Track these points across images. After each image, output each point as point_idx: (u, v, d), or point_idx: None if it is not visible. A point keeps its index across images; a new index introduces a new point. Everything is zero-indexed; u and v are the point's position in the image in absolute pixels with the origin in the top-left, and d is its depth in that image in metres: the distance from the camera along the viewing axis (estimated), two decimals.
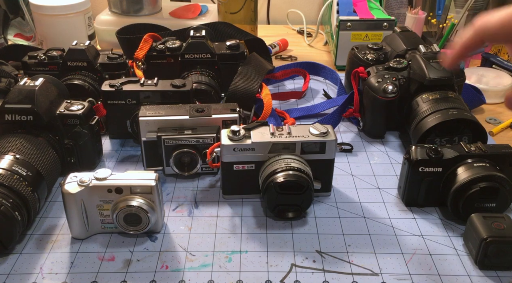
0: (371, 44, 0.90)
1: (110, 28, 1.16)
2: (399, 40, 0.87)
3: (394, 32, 0.91)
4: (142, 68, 0.91)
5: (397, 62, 0.82)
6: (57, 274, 0.56)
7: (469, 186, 0.61)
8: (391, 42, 0.89)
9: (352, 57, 0.91)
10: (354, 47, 0.92)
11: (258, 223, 0.64)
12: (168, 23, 1.10)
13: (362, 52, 0.89)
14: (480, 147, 0.64)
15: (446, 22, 1.16)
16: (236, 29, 1.02)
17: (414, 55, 0.81)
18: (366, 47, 0.90)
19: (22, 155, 0.63)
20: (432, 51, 0.81)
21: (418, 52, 0.82)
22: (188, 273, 0.56)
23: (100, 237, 0.61)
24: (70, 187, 0.57)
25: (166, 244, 0.61)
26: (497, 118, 0.91)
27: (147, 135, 0.69)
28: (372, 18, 1.06)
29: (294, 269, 0.57)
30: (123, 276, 0.56)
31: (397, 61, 0.82)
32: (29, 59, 0.87)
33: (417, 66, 0.79)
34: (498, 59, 1.06)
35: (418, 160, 0.63)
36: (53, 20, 1.11)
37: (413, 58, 0.81)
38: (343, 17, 1.06)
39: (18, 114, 0.67)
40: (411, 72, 0.80)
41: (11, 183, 0.58)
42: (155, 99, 0.76)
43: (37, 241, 0.61)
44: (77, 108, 0.71)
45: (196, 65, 0.90)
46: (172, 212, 0.66)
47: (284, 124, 0.68)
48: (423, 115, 0.74)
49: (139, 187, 0.58)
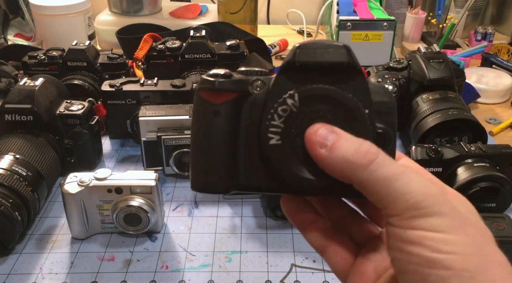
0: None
1: (110, 28, 1.15)
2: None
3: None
4: (142, 68, 0.91)
5: (397, 62, 0.82)
6: (57, 274, 0.56)
7: (469, 186, 0.61)
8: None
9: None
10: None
11: (258, 223, 0.64)
12: (168, 23, 1.09)
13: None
14: (480, 147, 0.64)
15: (446, 22, 1.16)
16: (236, 29, 1.02)
17: (414, 55, 0.81)
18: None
19: (22, 155, 0.63)
20: (432, 51, 0.81)
21: (418, 52, 0.82)
22: (188, 273, 0.56)
23: (100, 237, 0.61)
24: (70, 187, 0.57)
25: (166, 244, 0.61)
26: (497, 118, 0.91)
27: (147, 135, 0.69)
28: (372, 18, 1.06)
29: (294, 269, 0.57)
30: (123, 276, 0.56)
31: (397, 61, 0.82)
32: (29, 59, 0.87)
33: (417, 66, 0.79)
34: (498, 59, 1.06)
35: (418, 160, 0.63)
36: (53, 20, 1.10)
37: (413, 58, 0.81)
38: (343, 17, 1.06)
39: (18, 114, 0.67)
40: (411, 72, 0.80)
41: (11, 183, 0.58)
42: (155, 99, 0.76)
43: (37, 241, 0.61)
44: (77, 108, 0.71)
45: (196, 65, 0.90)
46: (172, 212, 0.66)
47: None
48: (423, 115, 0.74)
49: (139, 187, 0.58)
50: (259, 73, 0.29)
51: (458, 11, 1.20)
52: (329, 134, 0.26)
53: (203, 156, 0.29)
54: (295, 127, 0.27)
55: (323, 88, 0.27)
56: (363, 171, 0.25)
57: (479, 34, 1.17)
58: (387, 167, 0.25)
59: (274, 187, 0.29)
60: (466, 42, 1.22)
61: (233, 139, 0.29)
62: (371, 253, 0.30)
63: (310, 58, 0.27)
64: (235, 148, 0.29)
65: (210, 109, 0.28)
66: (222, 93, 0.28)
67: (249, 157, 0.29)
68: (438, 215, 0.24)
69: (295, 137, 0.27)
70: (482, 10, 1.30)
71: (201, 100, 0.28)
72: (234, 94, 0.28)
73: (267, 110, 0.27)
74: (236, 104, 0.28)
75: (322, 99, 0.27)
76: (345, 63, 0.27)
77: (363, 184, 0.26)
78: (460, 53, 1.09)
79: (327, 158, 0.26)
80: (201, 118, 0.29)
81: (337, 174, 0.26)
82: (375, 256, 0.30)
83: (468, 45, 1.20)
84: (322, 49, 0.27)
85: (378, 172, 0.25)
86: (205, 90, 0.28)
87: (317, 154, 0.26)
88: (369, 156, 0.25)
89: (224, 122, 0.28)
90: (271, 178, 0.29)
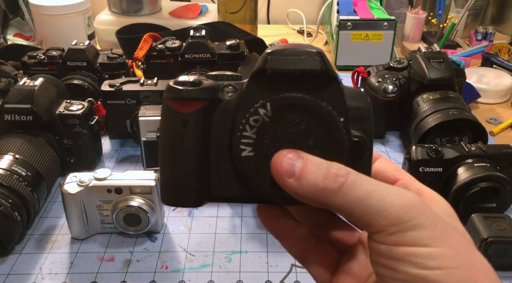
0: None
1: (109, 28, 1.15)
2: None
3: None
4: (142, 68, 0.91)
5: (397, 62, 0.82)
6: (57, 274, 0.56)
7: (469, 186, 0.61)
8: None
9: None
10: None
11: (258, 223, 0.64)
12: (168, 23, 1.09)
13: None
14: (480, 147, 0.64)
15: (446, 22, 1.16)
16: (236, 29, 1.02)
17: (414, 55, 0.81)
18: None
19: (21, 155, 0.63)
20: (432, 51, 0.80)
21: (419, 52, 0.82)
22: (188, 273, 0.56)
23: (99, 237, 0.61)
24: (70, 187, 0.57)
25: (166, 244, 0.60)
26: (497, 118, 0.91)
27: (147, 135, 0.69)
28: (373, 18, 1.06)
29: (294, 269, 0.57)
30: (123, 276, 0.56)
31: (398, 61, 0.82)
32: (29, 59, 0.87)
33: (418, 66, 0.79)
34: (499, 59, 1.06)
35: (419, 160, 0.63)
36: (52, 20, 1.10)
37: (413, 58, 0.81)
38: (343, 17, 1.06)
39: (18, 114, 0.67)
40: (412, 72, 0.80)
41: (11, 183, 0.58)
42: (155, 99, 0.76)
43: (37, 241, 0.61)
44: (76, 108, 0.71)
45: (196, 65, 0.89)
46: (172, 212, 0.66)
47: None
48: (424, 115, 0.74)
49: (139, 187, 0.58)
50: (230, 77, 0.28)
51: (459, 11, 1.20)
52: (295, 161, 0.25)
53: (171, 168, 0.27)
54: (268, 137, 0.26)
55: (296, 96, 0.26)
56: (336, 195, 0.24)
57: (480, 34, 1.17)
58: (359, 186, 0.24)
59: (248, 198, 0.28)
60: (467, 42, 1.22)
61: (202, 149, 0.27)
62: (351, 261, 0.30)
63: (282, 65, 0.26)
64: (205, 159, 0.27)
65: (178, 119, 0.27)
66: (191, 102, 0.26)
67: (221, 167, 0.27)
68: (420, 227, 0.24)
69: (268, 147, 0.26)
70: (483, 10, 1.30)
71: (168, 109, 0.27)
72: (203, 102, 0.27)
73: (239, 121, 0.26)
74: (206, 112, 0.27)
75: (295, 108, 0.26)
76: (319, 71, 0.26)
77: (338, 208, 0.25)
78: (461, 53, 1.09)
79: (297, 188, 0.25)
80: (169, 128, 0.27)
81: (309, 201, 0.25)
82: (356, 265, 0.30)
83: (469, 45, 1.20)
84: (295, 56, 0.26)
85: (350, 194, 0.24)
86: (172, 99, 0.27)
87: (286, 185, 0.25)
88: (339, 179, 0.25)
89: (193, 132, 0.27)
90: (244, 189, 0.27)
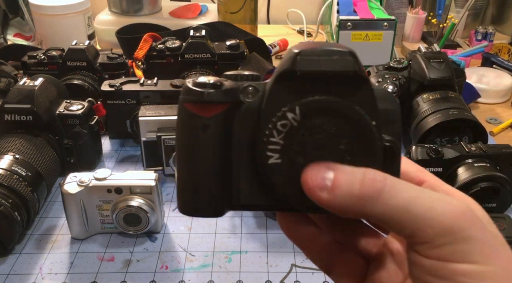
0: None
1: (109, 28, 1.15)
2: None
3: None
4: (142, 68, 0.91)
5: (397, 62, 0.82)
6: (57, 274, 0.56)
7: (469, 186, 0.61)
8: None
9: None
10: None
11: (258, 223, 0.64)
12: (168, 23, 1.09)
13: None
14: (480, 147, 0.64)
15: (446, 22, 1.16)
16: (236, 29, 1.02)
17: (414, 55, 0.81)
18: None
19: (21, 155, 0.63)
20: (432, 51, 0.80)
21: (419, 52, 0.82)
22: (188, 273, 0.56)
23: (99, 237, 0.61)
24: (70, 187, 0.57)
25: (166, 244, 0.60)
26: (497, 118, 0.91)
27: (147, 135, 0.69)
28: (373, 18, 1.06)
29: (294, 269, 0.57)
30: (123, 276, 0.56)
31: (398, 61, 0.82)
32: (29, 59, 0.87)
33: (418, 66, 0.79)
34: (499, 59, 1.06)
35: (419, 160, 0.63)
36: (52, 20, 1.10)
37: (413, 58, 0.81)
38: (343, 17, 1.06)
39: (18, 114, 0.67)
40: (411, 72, 0.80)
41: (11, 183, 0.58)
42: (155, 99, 0.76)
43: (37, 241, 0.61)
44: (76, 108, 0.71)
45: (196, 65, 0.90)
46: (172, 212, 0.66)
47: None
48: (424, 115, 0.74)
49: (139, 187, 0.58)
50: (250, 77, 0.26)
51: (459, 11, 1.20)
52: (326, 173, 0.23)
53: (190, 175, 0.26)
54: (296, 143, 0.24)
55: (328, 100, 0.24)
56: (375, 203, 0.22)
57: (480, 34, 1.17)
58: (401, 192, 0.22)
59: (273, 206, 0.26)
60: (467, 42, 1.22)
61: (223, 155, 0.25)
62: (380, 270, 0.28)
63: (312, 66, 0.24)
64: (227, 165, 0.25)
65: (198, 123, 0.25)
66: (212, 106, 0.25)
67: (244, 174, 0.25)
68: (470, 240, 0.22)
69: (296, 154, 0.24)
70: (483, 10, 1.30)
71: (187, 113, 0.25)
72: (225, 105, 0.25)
73: (265, 125, 0.24)
74: (227, 115, 0.25)
75: (327, 112, 0.24)
76: (352, 72, 0.24)
77: (379, 217, 0.23)
78: (461, 53, 1.09)
79: (330, 201, 0.23)
80: (187, 133, 0.26)
81: (347, 214, 0.23)
82: (385, 274, 0.28)
83: (469, 45, 1.20)
84: (326, 57, 0.24)
85: (392, 201, 0.22)
86: (192, 102, 0.25)
87: (319, 199, 0.23)
88: (377, 185, 0.22)
89: (214, 137, 0.25)
90: (269, 196, 0.25)
